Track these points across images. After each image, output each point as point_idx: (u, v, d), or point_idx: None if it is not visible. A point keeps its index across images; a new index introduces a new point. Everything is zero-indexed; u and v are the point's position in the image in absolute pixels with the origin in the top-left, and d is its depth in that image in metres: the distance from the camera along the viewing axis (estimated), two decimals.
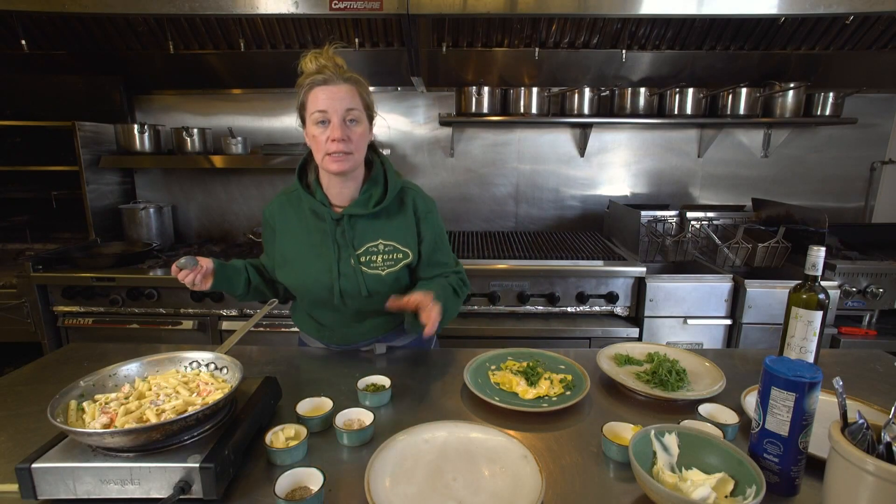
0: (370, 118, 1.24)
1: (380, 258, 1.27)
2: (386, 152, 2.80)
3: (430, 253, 1.33)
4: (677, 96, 2.63)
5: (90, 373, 0.95)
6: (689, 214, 2.49)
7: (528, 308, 2.30)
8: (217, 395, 0.89)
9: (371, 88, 1.23)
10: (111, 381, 0.96)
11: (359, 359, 1.36)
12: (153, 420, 0.81)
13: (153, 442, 0.79)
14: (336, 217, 1.25)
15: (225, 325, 2.30)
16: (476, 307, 2.31)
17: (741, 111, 2.62)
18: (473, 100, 2.65)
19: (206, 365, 1.02)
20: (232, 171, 2.95)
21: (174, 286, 2.26)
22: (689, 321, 2.25)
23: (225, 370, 1.00)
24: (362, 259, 1.26)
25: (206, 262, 1.22)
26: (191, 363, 1.03)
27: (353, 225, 1.26)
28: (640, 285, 2.26)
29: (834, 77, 2.68)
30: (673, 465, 0.85)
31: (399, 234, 1.29)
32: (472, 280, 2.27)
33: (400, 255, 1.28)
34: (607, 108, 2.78)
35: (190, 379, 0.97)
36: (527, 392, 1.12)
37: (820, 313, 1.14)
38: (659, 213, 2.50)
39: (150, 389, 0.93)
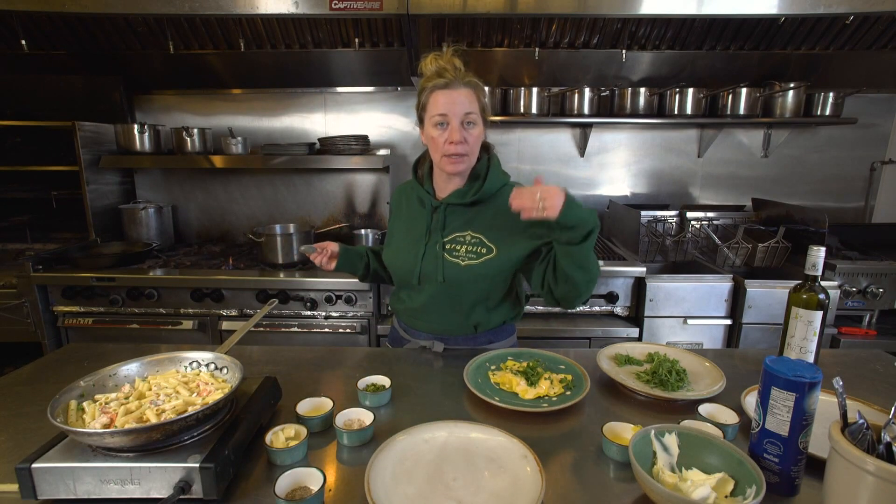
0: (485, 120, 1.29)
1: (464, 249, 1.30)
2: (386, 152, 2.80)
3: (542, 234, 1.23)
4: (677, 96, 2.63)
5: (90, 373, 0.95)
6: (689, 214, 2.49)
7: (528, 308, 2.30)
8: (217, 395, 0.89)
9: (371, 88, 1.25)
10: (111, 381, 0.96)
11: (359, 359, 1.36)
12: (153, 420, 0.81)
13: (153, 442, 0.79)
14: (435, 205, 1.33)
15: (225, 325, 2.30)
16: None
17: (741, 111, 2.62)
18: None
19: (206, 365, 1.02)
20: (232, 171, 2.94)
21: (174, 286, 2.26)
22: (689, 321, 2.25)
23: (225, 370, 1.00)
24: (448, 246, 1.31)
25: (332, 246, 1.43)
26: (191, 363, 1.03)
27: (449, 213, 1.33)
28: (640, 285, 2.26)
29: (834, 77, 2.68)
30: (673, 465, 0.85)
31: (489, 227, 1.31)
32: None
33: (484, 251, 1.29)
34: (607, 108, 2.78)
35: (190, 379, 0.97)
36: (527, 392, 1.12)
37: (820, 313, 1.14)
38: (659, 213, 2.50)
39: (150, 389, 0.93)
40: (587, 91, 2.65)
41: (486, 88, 2.59)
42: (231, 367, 0.99)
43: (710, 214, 2.52)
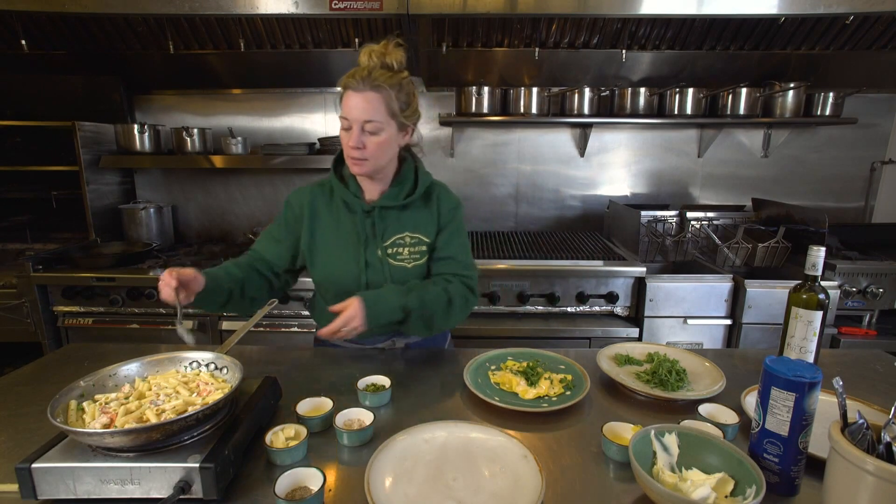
0: (401, 124, 1.23)
1: (406, 251, 1.30)
2: None
3: (443, 245, 1.33)
4: (677, 96, 2.63)
5: (90, 373, 0.95)
6: (689, 214, 2.49)
7: (528, 308, 2.30)
8: (217, 395, 0.89)
9: None
10: (111, 381, 0.96)
11: (359, 359, 1.36)
12: (153, 420, 0.81)
13: (153, 442, 0.79)
14: (367, 209, 1.28)
15: (225, 325, 2.30)
16: (476, 307, 2.30)
17: (741, 111, 2.62)
18: (473, 100, 2.65)
19: (206, 365, 1.02)
20: (232, 171, 2.95)
21: None
22: (689, 321, 2.25)
23: (225, 370, 1.00)
24: (389, 251, 1.29)
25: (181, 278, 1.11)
26: (191, 363, 1.03)
27: (383, 217, 1.30)
28: (640, 285, 2.26)
29: (834, 77, 2.68)
30: (673, 465, 0.85)
31: (424, 226, 1.32)
32: None
33: (424, 248, 1.32)
34: (607, 108, 2.78)
35: (190, 379, 0.97)
36: (527, 392, 1.12)
37: (820, 313, 1.13)
38: (659, 213, 2.50)
39: (150, 389, 0.93)
40: (587, 91, 2.65)
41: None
42: (231, 368, 0.99)
43: (710, 214, 2.52)
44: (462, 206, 1.39)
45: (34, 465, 0.77)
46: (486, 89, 2.64)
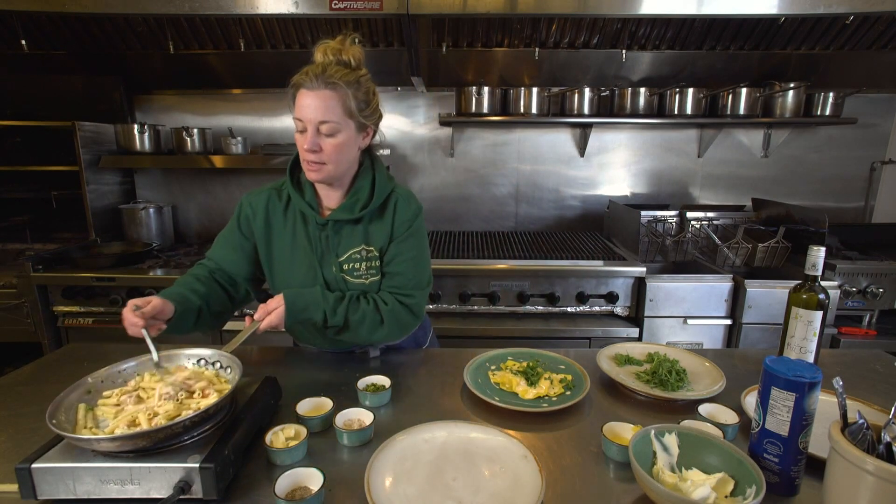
0: (361, 125, 1.16)
1: (363, 266, 1.23)
2: (386, 152, 2.80)
3: (390, 259, 1.25)
4: (677, 96, 2.63)
5: (96, 370, 0.96)
6: (689, 214, 2.49)
7: (528, 308, 2.30)
8: (213, 399, 0.89)
9: None
10: (120, 377, 0.98)
11: (359, 359, 1.36)
12: (144, 425, 0.82)
13: (142, 448, 0.79)
14: (321, 222, 1.21)
15: (225, 324, 2.30)
16: (476, 307, 2.31)
17: (741, 111, 2.62)
18: (473, 100, 2.65)
19: (213, 363, 1.02)
20: (232, 171, 2.94)
21: None
22: (689, 321, 2.25)
23: (228, 370, 1.01)
24: (345, 267, 1.22)
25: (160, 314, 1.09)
26: (198, 360, 1.03)
27: (338, 231, 1.22)
28: (640, 285, 2.26)
29: (834, 77, 2.68)
30: (673, 465, 0.85)
31: (379, 239, 1.24)
32: (472, 280, 2.31)
33: (380, 263, 1.25)
34: (607, 108, 2.78)
35: (195, 375, 0.97)
36: (527, 392, 1.12)
37: (820, 313, 1.13)
38: (659, 213, 2.50)
39: (161, 381, 0.94)
40: (587, 91, 2.65)
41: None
42: (233, 367, 0.99)
43: (710, 214, 2.51)
44: (421, 216, 1.28)
45: (34, 466, 0.77)
46: (486, 89, 2.64)
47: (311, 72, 1.10)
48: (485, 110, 2.67)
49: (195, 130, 2.69)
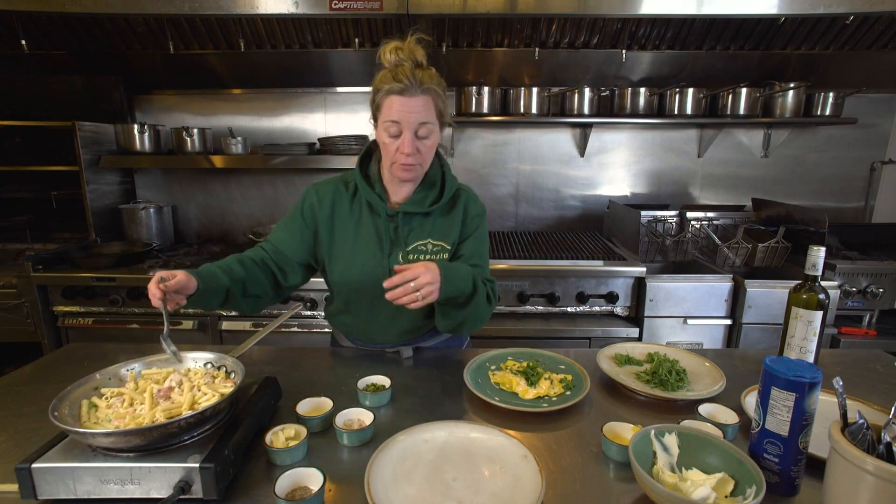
0: (442, 125, 1.22)
1: (425, 258, 1.26)
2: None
3: (470, 253, 1.29)
4: (677, 96, 2.63)
5: (103, 368, 0.96)
6: (689, 214, 2.49)
7: (528, 308, 2.30)
8: (213, 400, 0.89)
9: (371, 88, 1.21)
10: (127, 376, 0.98)
11: (359, 359, 1.36)
12: (147, 423, 0.81)
13: (139, 446, 0.79)
14: (391, 213, 1.25)
15: (225, 325, 2.30)
16: None
17: (741, 111, 2.62)
18: (473, 100, 2.65)
19: (219, 367, 1.01)
20: (232, 171, 2.95)
21: None
22: (689, 321, 2.25)
23: (233, 374, 1.00)
24: (411, 257, 1.26)
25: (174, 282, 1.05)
26: (204, 363, 1.02)
27: (407, 222, 1.26)
28: (640, 285, 2.26)
29: (834, 77, 2.68)
30: (673, 465, 0.85)
31: (447, 234, 1.28)
32: None
33: (446, 256, 1.29)
34: (607, 108, 2.78)
35: (203, 377, 0.98)
36: (527, 392, 1.12)
37: (820, 313, 1.14)
38: (659, 213, 2.50)
39: (167, 378, 0.94)
40: (587, 91, 2.65)
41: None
42: (237, 372, 0.99)
43: (710, 214, 2.52)
44: (486, 212, 1.36)
45: (34, 465, 0.77)
46: (486, 89, 2.64)
47: (402, 77, 1.11)
48: (485, 110, 2.67)
49: (195, 130, 2.69)
